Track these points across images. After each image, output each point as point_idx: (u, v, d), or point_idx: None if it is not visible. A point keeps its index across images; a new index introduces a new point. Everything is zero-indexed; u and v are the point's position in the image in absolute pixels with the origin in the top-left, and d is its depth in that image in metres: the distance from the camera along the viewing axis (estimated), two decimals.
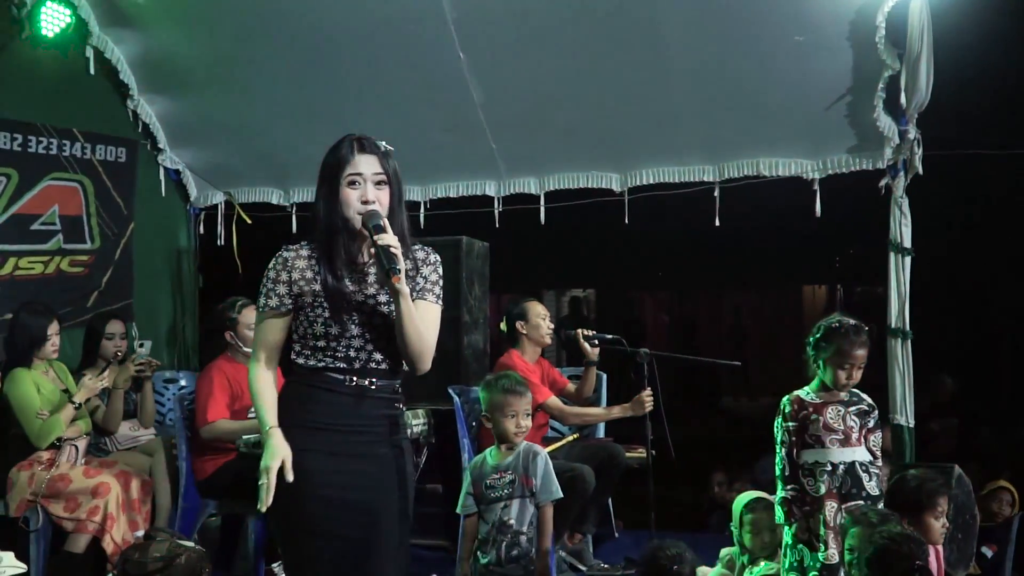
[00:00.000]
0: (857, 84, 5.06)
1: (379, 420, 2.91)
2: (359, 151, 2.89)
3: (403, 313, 2.79)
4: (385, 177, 2.88)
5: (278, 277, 2.91)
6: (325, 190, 2.90)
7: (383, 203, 2.86)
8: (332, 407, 2.86)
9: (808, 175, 5.61)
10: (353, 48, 5.58)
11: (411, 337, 2.82)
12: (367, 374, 2.88)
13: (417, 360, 2.86)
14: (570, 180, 6.12)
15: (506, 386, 3.80)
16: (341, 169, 2.88)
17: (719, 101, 5.42)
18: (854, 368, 3.70)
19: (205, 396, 4.84)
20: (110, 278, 6.38)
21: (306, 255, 2.91)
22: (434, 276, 2.97)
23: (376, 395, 2.89)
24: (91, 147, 6.22)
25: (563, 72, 5.44)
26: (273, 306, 2.90)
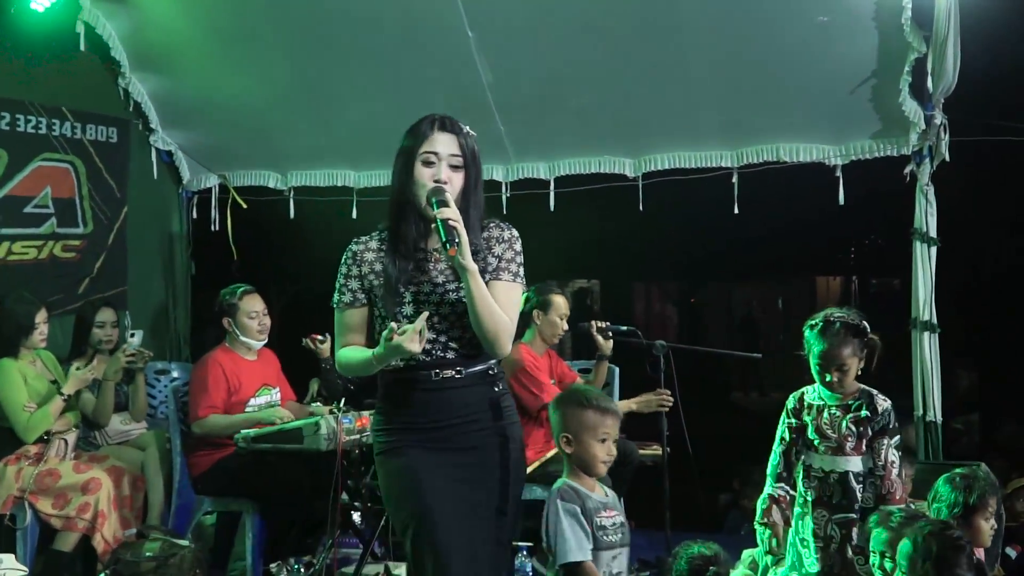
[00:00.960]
0: (882, 67, 5.02)
1: (476, 408, 2.92)
2: (439, 129, 2.90)
3: (471, 292, 2.80)
4: (462, 159, 2.90)
5: (349, 272, 2.98)
6: (399, 168, 2.93)
7: (455, 186, 2.88)
8: (425, 405, 2.90)
9: (831, 161, 5.58)
10: (356, 25, 5.53)
11: (483, 317, 2.82)
12: (448, 364, 2.90)
13: (494, 342, 2.86)
14: (581, 165, 6.09)
15: (600, 404, 3.24)
16: (417, 147, 2.89)
17: (738, 83, 5.38)
18: (834, 369, 3.56)
19: (198, 390, 4.83)
20: (103, 264, 6.35)
21: (375, 247, 2.97)
22: (509, 253, 2.96)
23: (466, 383, 2.91)
24: (81, 127, 6.18)
25: (576, 52, 5.40)
26: (347, 301, 2.98)
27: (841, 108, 5.32)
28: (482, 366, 2.94)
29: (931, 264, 5.23)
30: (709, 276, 10.55)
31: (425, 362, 2.89)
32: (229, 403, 4.86)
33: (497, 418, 2.95)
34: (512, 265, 2.95)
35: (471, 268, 2.79)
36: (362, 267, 2.95)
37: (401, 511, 2.90)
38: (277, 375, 5.22)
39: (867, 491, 3.58)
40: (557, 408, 3.27)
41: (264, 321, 5.07)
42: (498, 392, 2.97)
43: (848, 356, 3.57)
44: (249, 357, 5.08)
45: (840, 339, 3.57)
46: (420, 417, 2.89)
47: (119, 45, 6.04)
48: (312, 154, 6.53)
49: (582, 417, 3.19)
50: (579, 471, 3.22)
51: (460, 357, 2.91)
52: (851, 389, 3.64)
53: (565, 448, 3.22)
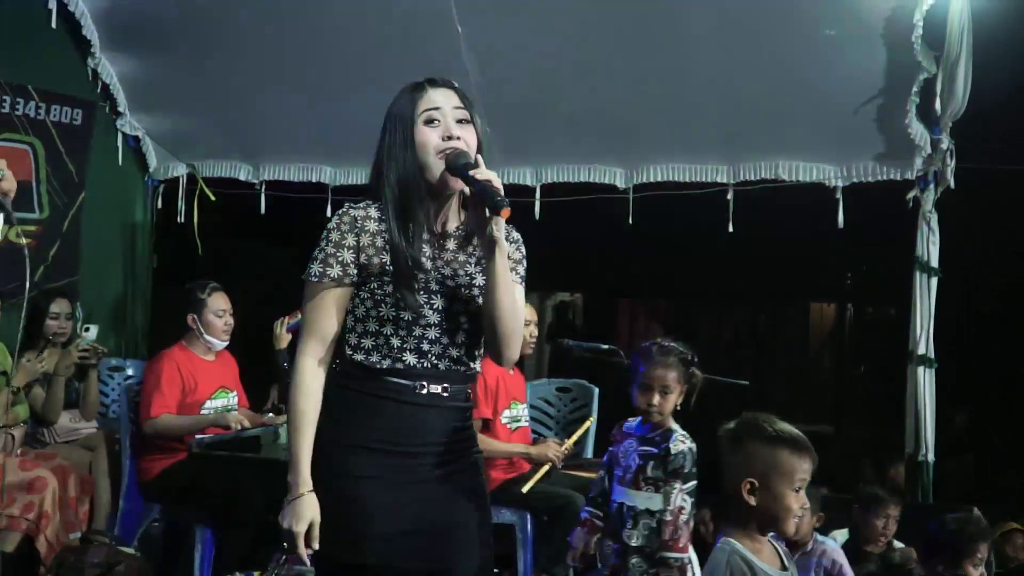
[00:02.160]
0: (889, 86, 5.02)
1: (453, 435, 2.54)
2: (431, 85, 2.55)
3: (499, 275, 2.43)
4: (467, 113, 2.54)
5: (342, 240, 2.48)
6: (396, 136, 2.51)
7: (470, 143, 2.51)
8: (400, 422, 2.47)
9: (831, 182, 5.57)
10: (341, 14, 5.49)
11: (506, 309, 2.45)
12: (440, 377, 2.49)
13: (507, 343, 2.50)
14: (570, 173, 6.07)
15: (796, 440, 2.59)
16: (414, 107, 2.51)
17: (738, 95, 5.36)
18: (656, 392, 3.63)
19: (151, 388, 4.77)
20: (57, 252, 6.27)
21: (376, 216, 2.51)
22: (517, 255, 2.63)
23: (449, 403, 2.52)
24: (45, 107, 6.09)
25: (570, 54, 5.39)
26: (334, 276, 2.47)
27: (844, 127, 5.31)
28: (464, 386, 2.57)
29: (931, 295, 5.22)
30: (699, 296, 10.51)
31: (414, 370, 2.47)
32: (183, 403, 4.81)
33: (468, 449, 2.59)
34: (520, 268, 2.63)
35: (503, 242, 2.41)
36: (362, 237, 2.48)
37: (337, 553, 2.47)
38: (235, 379, 5.18)
39: (648, 532, 3.57)
40: (737, 445, 2.61)
41: (229, 321, 5.05)
42: (468, 419, 2.62)
43: (673, 380, 3.65)
44: (207, 357, 5.04)
45: (670, 362, 3.66)
46: (387, 438, 2.46)
47: (91, 24, 6.02)
48: (287, 147, 6.49)
49: (775, 457, 2.55)
50: (754, 529, 2.59)
51: (455, 371, 2.52)
52: (662, 421, 3.68)
53: (747, 498, 2.55)
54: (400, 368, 2.46)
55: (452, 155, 2.46)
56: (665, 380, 3.64)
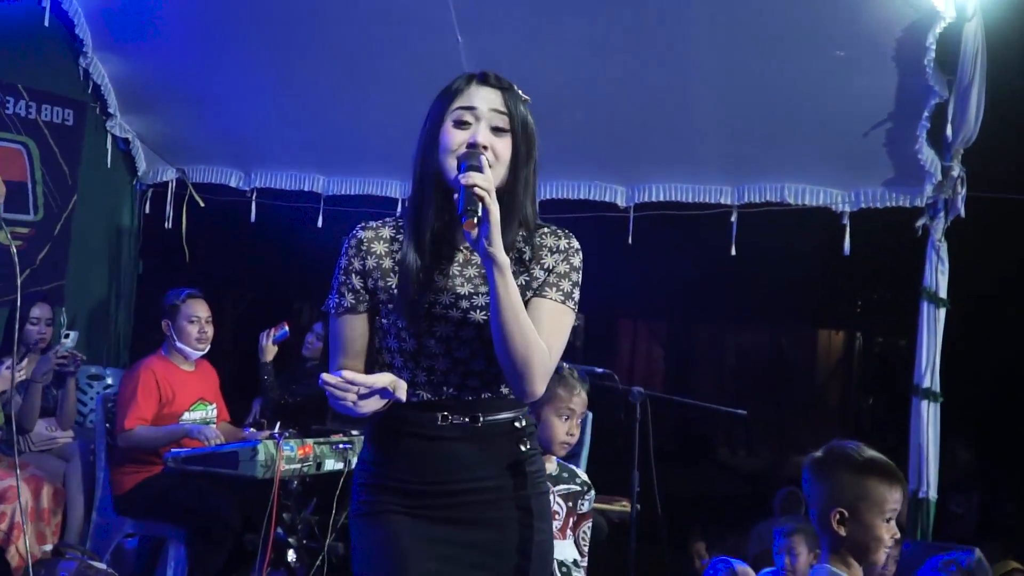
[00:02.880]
0: (900, 110, 5.00)
1: (494, 471, 2.35)
2: (478, 83, 2.37)
3: (497, 294, 2.20)
4: (508, 120, 2.34)
5: (350, 266, 2.41)
6: (424, 135, 2.36)
7: (500, 156, 2.31)
8: (424, 459, 2.33)
9: (838, 207, 5.55)
10: (338, 19, 5.49)
11: (509, 334, 2.22)
12: (461, 408, 2.34)
13: (520, 373, 2.25)
14: (569, 189, 6.05)
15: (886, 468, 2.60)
16: (448, 104, 2.34)
17: (745, 115, 5.36)
18: (574, 420, 3.43)
19: (127, 399, 4.76)
20: (46, 255, 6.29)
21: (388, 236, 2.42)
22: (563, 267, 2.37)
23: (482, 436, 2.35)
24: (36, 106, 6.15)
25: (571, 66, 5.37)
26: (347, 305, 2.40)
27: (853, 151, 5.29)
28: (508, 415, 2.37)
29: (938, 327, 5.20)
30: (701, 320, 10.50)
31: (429, 400, 2.33)
32: (160, 415, 4.80)
33: (520, 487, 2.37)
34: (564, 282, 2.36)
35: (499, 260, 2.17)
36: (367, 260, 2.39)
37: None
38: (215, 391, 5.16)
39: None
40: (825, 474, 2.62)
41: (206, 329, 5.02)
42: (525, 453, 2.39)
43: (583, 408, 3.48)
44: (186, 367, 5.03)
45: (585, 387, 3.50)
46: (412, 475, 2.34)
47: (84, 22, 6.04)
48: (279, 154, 6.49)
49: (865, 487, 2.55)
50: (848, 559, 2.60)
51: (480, 399, 2.35)
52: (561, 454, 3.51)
53: (837, 528, 2.57)
54: (416, 402, 2.34)
55: (463, 154, 2.27)
56: (584, 407, 3.51)
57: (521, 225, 2.36)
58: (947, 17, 4.54)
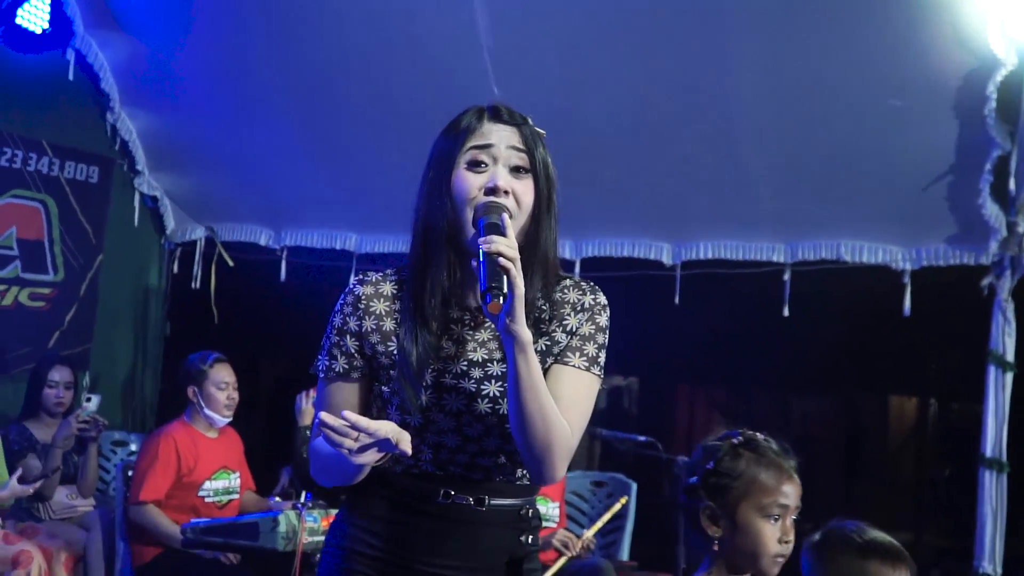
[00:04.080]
0: (960, 162, 5.01)
1: (491, 562, 2.21)
2: (491, 119, 2.21)
3: (521, 377, 2.04)
4: (528, 159, 2.18)
5: (345, 325, 2.22)
6: (429, 181, 2.19)
7: (522, 202, 2.15)
8: (416, 535, 2.18)
9: (898, 265, 5.53)
10: (372, 73, 5.63)
11: (530, 418, 2.06)
12: (471, 487, 2.19)
13: (541, 458, 2.11)
14: (613, 247, 6.10)
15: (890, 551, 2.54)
16: (460, 142, 2.17)
17: (796, 168, 5.39)
18: (787, 519, 2.55)
19: (144, 468, 4.83)
20: (74, 316, 6.42)
21: (389, 292, 2.24)
22: (588, 328, 2.21)
23: (487, 521, 2.20)
24: (59, 163, 6.28)
25: (612, 119, 5.45)
26: (339, 370, 2.23)
27: (912, 205, 5.29)
28: (515, 501, 2.23)
29: (1006, 392, 5.15)
30: (762, 384, 10.40)
31: (435, 475, 2.18)
32: (180, 484, 4.86)
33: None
34: (588, 346, 2.19)
35: (521, 338, 2.02)
36: (364, 321, 2.21)
37: None
38: (239, 458, 5.22)
39: None
40: (824, 559, 2.56)
41: (233, 395, 5.09)
42: (527, 547, 2.26)
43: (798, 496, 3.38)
44: (210, 435, 5.09)
45: (792, 467, 3.40)
46: (397, 549, 2.19)
47: (110, 77, 6.22)
48: (310, 212, 6.61)
49: (867, 571, 2.50)
50: None
51: (488, 481, 2.20)
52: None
53: None
54: (417, 472, 2.19)
55: (481, 206, 2.11)
56: (799, 496, 3.37)
57: (542, 280, 2.20)
58: (1008, 64, 4.55)
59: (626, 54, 5.16)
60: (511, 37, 5.23)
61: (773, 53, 4.95)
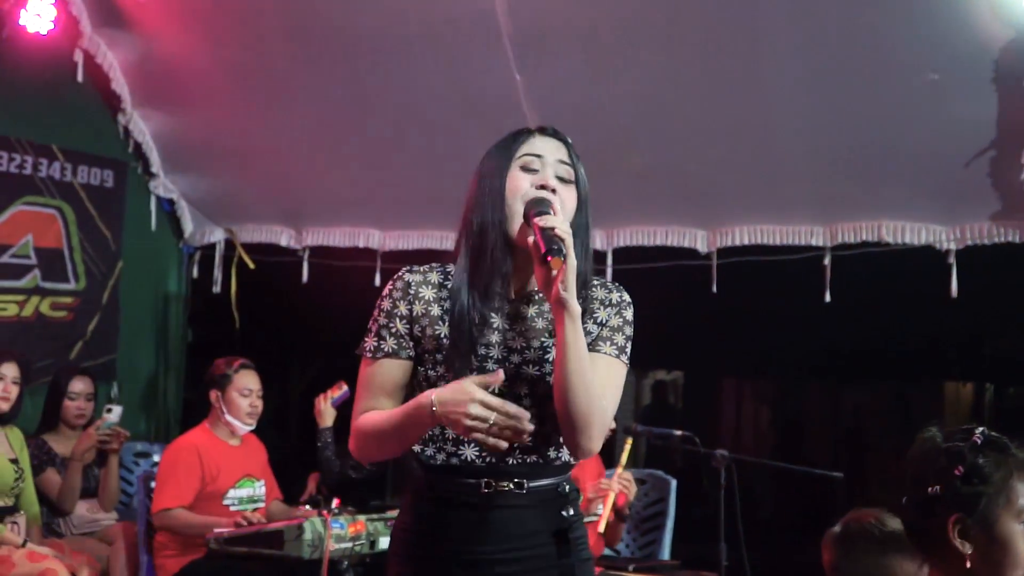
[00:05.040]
0: (1002, 137, 5.00)
1: (539, 538, 2.45)
2: (540, 134, 2.54)
3: (569, 346, 2.31)
4: (572, 172, 2.50)
5: (394, 309, 2.48)
6: (487, 174, 2.49)
7: (566, 205, 2.46)
8: (464, 528, 2.42)
9: (942, 245, 5.54)
10: (389, 65, 5.66)
11: (575, 386, 2.31)
12: (507, 474, 2.43)
13: (581, 428, 2.35)
14: (645, 236, 6.12)
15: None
16: (514, 147, 2.50)
17: (831, 148, 5.39)
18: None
19: (165, 474, 4.89)
20: (97, 326, 6.48)
21: (436, 281, 2.51)
22: (616, 320, 2.50)
23: (528, 503, 2.45)
24: (72, 168, 6.32)
25: (640, 103, 5.46)
26: (388, 351, 2.47)
27: (955, 183, 5.29)
28: (552, 480, 2.48)
29: None
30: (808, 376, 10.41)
31: (474, 466, 2.42)
32: (203, 493, 4.91)
33: (564, 554, 2.47)
34: (618, 336, 2.48)
35: (572, 308, 2.29)
36: (415, 305, 2.46)
37: None
38: (263, 467, 5.27)
39: None
40: (843, 551, 2.67)
41: (256, 403, 5.13)
42: (569, 519, 2.50)
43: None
44: (232, 442, 5.15)
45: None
46: (459, 545, 2.43)
47: (120, 77, 6.25)
48: (331, 210, 6.65)
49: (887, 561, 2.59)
50: None
51: (526, 464, 2.45)
52: None
53: None
54: (457, 464, 2.43)
55: (531, 200, 2.41)
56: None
57: (582, 280, 2.45)
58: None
59: (652, 36, 5.17)
60: (531, 23, 5.23)
61: (806, 30, 4.95)
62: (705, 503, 5.19)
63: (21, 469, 5.01)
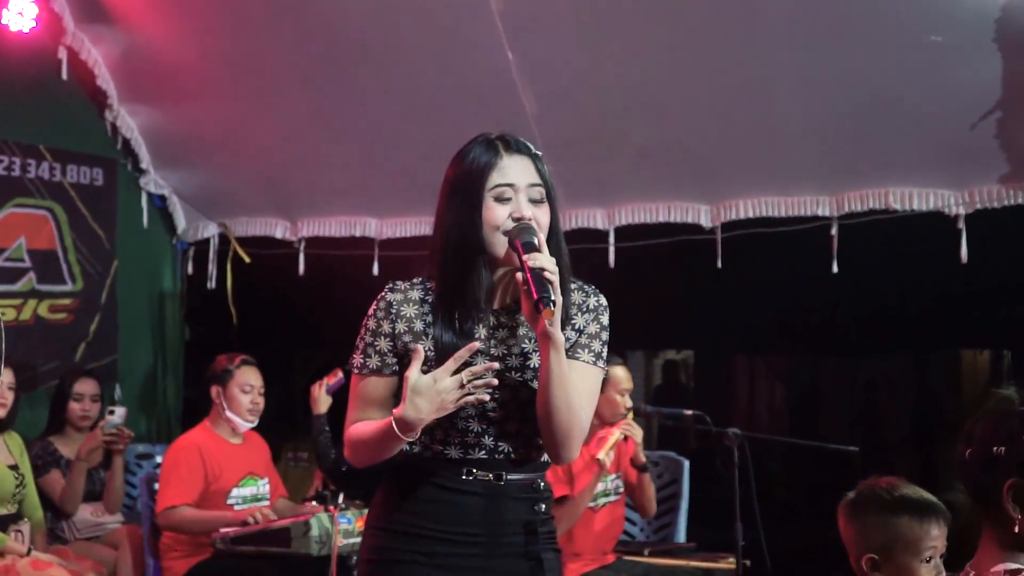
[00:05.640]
0: (1008, 97, 5.00)
1: (510, 527, 2.65)
2: (506, 150, 2.63)
3: (553, 373, 2.51)
4: (544, 190, 2.63)
5: (379, 328, 2.66)
6: (459, 202, 2.61)
7: (542, 224, 2.61)
8: (443, 509, 2.63)
9: (951, 210, 5.54)
10: (380, 49, 5.67)
11: (559, 409, 2.54)
12: (492, 466, 2.64)
13: (563, 443, 2.58)
14: (647, 214, 6.12)
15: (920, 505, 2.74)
16: (484, 177, 2.60)
17: (836, 115, 5.39)
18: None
19: (169, 475, 4.90)
20: (98, 327, 6.51)
21: (418, 297, 2.67)
22: (593, 327, 2.67)
23: (506, 494, 2.65)
24: (60, 167, 6.33)
25: (637, 76, 5.46)
26: (373, 367, 2.67)
27: (961, 146, 5.30)
28: (528, 475, 2.68)
29: None
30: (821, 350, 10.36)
31: (457, 457, 2.64)
32: (207, 492, 4.93)
33: (532, 543, 2.67)
34: (595, 343, 2.67)
35: (557, 339, 2.48)
36: (397, 324, 2.64)
37: None
38: (267, 464, 5.29)
39: None
40: (854, 517, 2.78)
41: (257, 400, 5.15)
42: (539, 514, 2.70)
43: None
44: (234, 440, 5.16)
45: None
46: (432, 524, 2.63)
47: (106, 73, 6.27)
48: (326, 200, 6.66)
49: (896, 527, 2.69)
50: None
51: (506, 459, 2.65)
52: None
53: (869, 573, 2.73)
54: (445, 456, 2.65)
55: (515, 228, 2.56)
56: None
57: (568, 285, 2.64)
58: None
59: (647, 8, 5.18)
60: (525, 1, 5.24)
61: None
62: (719, 483, 5.20)
63: (22, 475, 5.03)
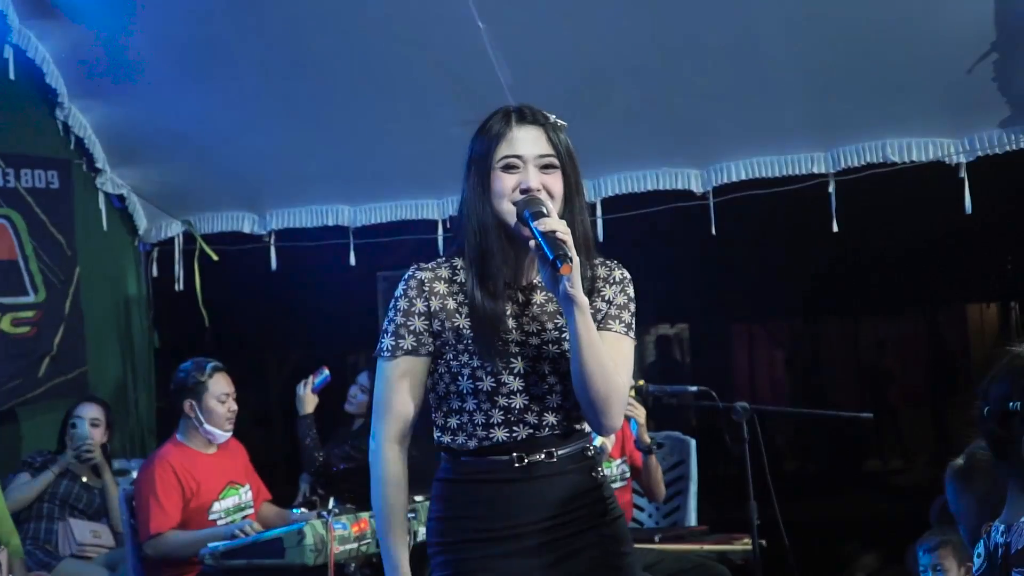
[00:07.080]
0: (1003, 38, 5.01)
1: (573, 502, 2.72)
2: (517, 122, 2.74)
3: (580, 336, 2.59)
4: (555, 157, 2.73)
5: (411, 307, 2.74)
6: (474, 176, 2.76)
7: (553, 191, 2.70)
8: (504, 505, 2.68)
9: (952, 159, 5.55)
10: (342, 32, 5.64)
11: (594, 374, 2.61)
12: (539, 445, 2.70)
13: (602, 410, 2.65)
14: (634, 182, 6.11)
15: None
16: (492, 150, 2.72)
17: (826, 67, 5.40)
18: None
19: (145, 500, 4.84)
20: (62, 339, 6.44)
21: (446, 276, 2.77)
22: (622, 298, 2.80)
23: (559, 470, 2.71)
24: (14, 172, 6.27)
25: (616, 38, 5.45)
26: (408, 348, 2.73)
27: (958, 91, 5.31)
28: (577, 446, 2.75)
29: None
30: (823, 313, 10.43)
31: (506, 444, 2.68)
32: (188, 510, 4.89)
33: (599, 514, 2.75)
34: (624, 314, 2.79)
35: (580, 301, 2.57)
36: (431, 301, 2.73)
37: None
38: (246, 470, 5.25)
39: None
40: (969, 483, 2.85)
41: (233, 407, 5.10)
42: (598, 479, 2.78)
43: None
44: (208, 451, 5.09)
45: None
46: (496, 523, 2.67)
47: (55, 70, 6.21)
48: (296, 189, 6.64)
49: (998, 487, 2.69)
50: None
51: (553, 435, 2.72)
52: None
53: None
54: (488, 446, 2.69)
55: (521, 201, 2.65)
56: None
57: (586, 254, 2.73)
58: None
59: None
60: None
61: None
62: (728, 461, 5.22)
63: None
